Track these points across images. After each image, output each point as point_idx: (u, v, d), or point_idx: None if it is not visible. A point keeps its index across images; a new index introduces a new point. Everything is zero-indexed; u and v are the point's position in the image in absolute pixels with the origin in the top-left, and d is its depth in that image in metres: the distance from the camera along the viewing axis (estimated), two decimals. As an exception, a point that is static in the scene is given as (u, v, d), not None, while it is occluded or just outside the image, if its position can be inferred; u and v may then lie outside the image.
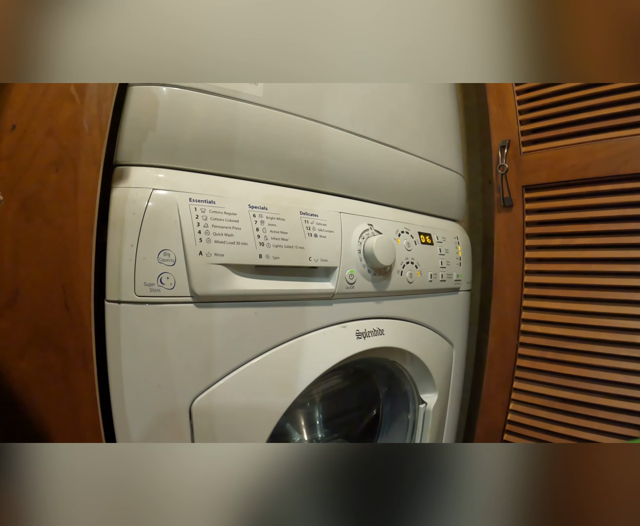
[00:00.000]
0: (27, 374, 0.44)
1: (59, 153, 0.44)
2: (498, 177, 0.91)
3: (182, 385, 0.51)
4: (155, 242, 0.48)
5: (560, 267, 0.86)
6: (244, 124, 0.57)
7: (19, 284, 0.43)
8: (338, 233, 0.63)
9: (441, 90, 0.86)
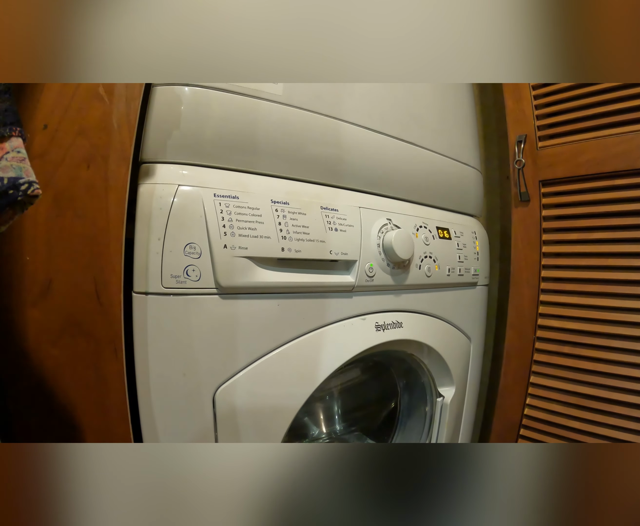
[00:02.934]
0: (59, 361, 0.45)
1: (89, 151, 0.45)
2: (515, 172, 0.90)
3: (206, 374, 0.52)
4: (182, 235, 0.49)
5: (578, 261, 0.85)
6: (265, 122, 0.57)
7: (52, 276, 0.44)
8: (358, 227, 0.63)
9: (458, 86, 0.85)
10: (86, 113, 0.45)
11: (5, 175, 0.29)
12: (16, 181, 0.29)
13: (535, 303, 0.89)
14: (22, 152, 0.31)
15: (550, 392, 0.88)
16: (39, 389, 0.44)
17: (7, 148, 0.30)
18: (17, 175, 0.30)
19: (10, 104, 0.32)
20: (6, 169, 0.30)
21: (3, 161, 0.30)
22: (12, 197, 0.29)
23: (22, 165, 0.30)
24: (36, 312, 0.44)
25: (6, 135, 0.30)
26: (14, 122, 0.31)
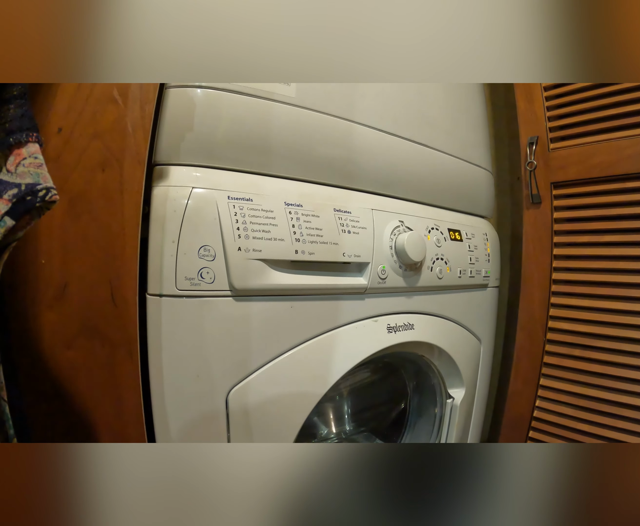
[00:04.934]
0: (74, 364, 0.45)
1: (104, 154, 0.44)
2: (526, 174, 0.88)
3: (220, 375, 0.51)
4: (196, 238, 0.48)
5: (589, 264, 0.83)
6: (278, 124, 0.56)
7: (67, 279, 0.44)
8: (370, 229, 0.61)
9: (469, 86, 0.84)
10: (101, 116, 0.44)
11: (23, 181, 0.29)
12: (34, 187, 0.29)
13: (545, 305, 0.87)
14: (39, 158, 0.30)
15: (560, 394, 0.87)
16: (55, 391, 0.44)
17: (24, 154, 0.30)
18: (35, 182, 0.29)
19: (27, 109, 0.31)
20: (23, 175, 0.29)
21: (20, 167, 0.29)
22: (30, 203, 0.29)
23: (39, 171, 0.30)
24: (52, 314, 0.43)
25: (23, 141, 0.30)
26: (30, 128, 0.31)
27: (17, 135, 0.30)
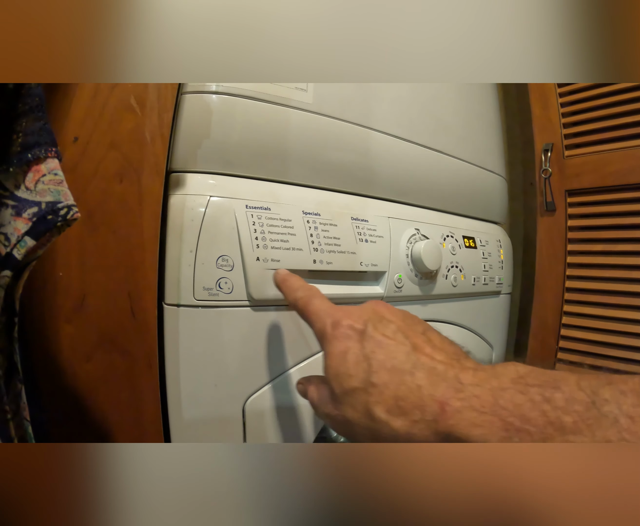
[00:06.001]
0: (93, 376, 0.43)
1: (122, 164, 0.42)
2: (541, 181, 0.86)
3: (237, 384, 0.49)
4: (214, 248, 0.46)
5: (602, 273, 0.81)
6: (294, 131, 0.54)
7: (85, 291, 0.42)
8: (387, 238, 0.59)
9: (483, 91, 0.81)
10: (118, 125, 0.42)
11: (43, 199, 0.27)
12: (54, 206, 0.27)
13: (558, 313, 0.85)
14: (59, 174, 0.28)
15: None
16: (74, 404, 0.42)
17: (44, 170, 0.28)
18: (56, 200, 0.27)
19: (45, 122, 0.29)
20: (44, 193, 0.27)
21: (40, 184, 0.27)
22: (51, 222, 0.27)
23: (59, 189, 0.28)
24: (70, 327, 0.41)
25: (42, 156, 0.28)
26: (49, 142, 0.29)
27: (35, 150, 0.28)
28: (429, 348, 0.31)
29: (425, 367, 0.29)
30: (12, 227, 0.27)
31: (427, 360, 0.30)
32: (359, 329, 0.34)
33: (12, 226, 0.27)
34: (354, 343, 0.33)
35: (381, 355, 0.31)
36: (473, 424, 0.25)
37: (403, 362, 0.30)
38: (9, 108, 0.28)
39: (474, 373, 0.28)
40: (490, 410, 0.25)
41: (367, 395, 0.30)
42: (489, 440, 0.24)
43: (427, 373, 0.29)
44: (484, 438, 0.24)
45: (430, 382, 0.28)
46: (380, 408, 0.29)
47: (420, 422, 0.27)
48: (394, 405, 0.29)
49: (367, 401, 0.30)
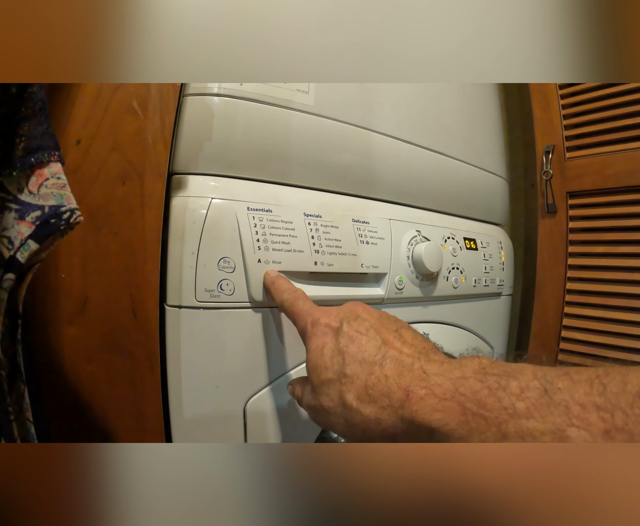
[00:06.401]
0: (95, 378, 0.43)
1: (124, 166, 0.43)
2: (542, 183, 0.86)
3: (238, 385, 0.49)
4: (216, 249, 0.46)
5: (603, 274, 0.80)
6: (296, 132, 0.54)
7: (87, 293, 0.42)
8: (388, 240, 0.59)
9: (484, 93, 0.81)
10: (120, 128, 0.43)
11: (46, 203, 0.27)
12: (58, 210, 0.27)
13: (559, 315, 0.85)
14: (62, 178, 0.28)
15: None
16: (76, 405, 0.42)
17: (47, 174, 0.28)
18: (59, 203, 0.27)
19: (47, 127, 0.29)
20: (47, 197, 0.27)
21: (43, 188, 0.27)
22: (54, 226, 0.27)
23: (62, 192, 0.28)
24: (72, 329, 0.42)
25: (45, 160, 0.28)
26: (52, 146, 0.29)
27: (38, 154, 0.28)
28: (399, 343, 0.34)
29: (394, 359, 0.32)
30: (16, 231, 0.27)
31: (396, 353, 0.32)
32: (334, 327, 0.36)
33: (15, 229, 0.27)
34: (330, 339, 0.36)
35: (353, 348, 0.34)
36: (434, 409, 0.27)
37: (373, 355, 0.33)
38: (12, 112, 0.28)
39: (440, 365, 0.30)
40: (450, 396, 0.27)
41: (341, 384, 0.33)
42: (448, 424, 0.26)
43: (395, 364, 0.31)
44: (444, 422, 0.26)
45: (397, 372, 0.31)
46: (352, 396, 0.32)
47: (387, 408, 0.30)
48: (364, 393, 0.31)
49: (341, 390, 0.33)
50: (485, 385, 0.26)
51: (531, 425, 0.23)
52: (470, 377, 0.27)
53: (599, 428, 0.21)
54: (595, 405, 0.21)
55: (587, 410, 0.21)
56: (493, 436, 0.24)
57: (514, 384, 0.25)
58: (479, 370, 0.27)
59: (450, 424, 0.26)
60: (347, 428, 0.33)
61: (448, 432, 0.26)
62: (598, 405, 0.21)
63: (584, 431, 0.21)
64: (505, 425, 0.24)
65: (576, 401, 0.22)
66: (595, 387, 0.22)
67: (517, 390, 0.24)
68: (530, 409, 0.23)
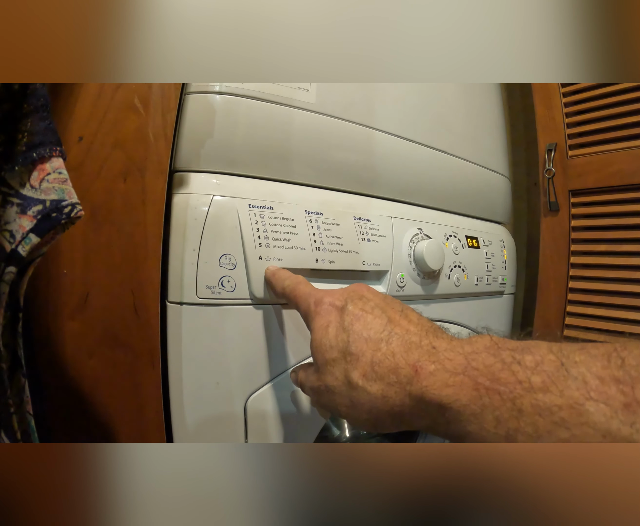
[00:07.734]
0: (96, 372, 0.43)
1: (126, 164, 0.43)
2: (544, 181, 0.85)
3: (239, 382, 0.50)
4: (217, 246, 0.46)
5: (606, 273, 0.80)
6: (297, 130, 0.54)
7: (89, 288, 0.42)
8: (389, 237, 0.59)
9: (487, 91, 0.81)
10: (122, 125, 0.43)
11: (48, 197, 0.27)
12: (59, 204, 0.27)
13: (561, 314, 0.84)
14: (63, 173, 0.29)
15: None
16: (77, 400, 0.43)
17: (48, 169, 0.28)
18: (60, 198, 0.28)
19: (49, 122, 0.29)
20: (48, 191, 0.27)
21: (44, 183, 0.27)
22: (55, 220, 0.27)
23: (64, 187, 0.28)
24: (74, 324, 0.42)
25: (47, 155, 0.28)
26: (53, 142, 0.29)
27: (40, 149, 0.28)
28: (405, 321, 0.33)
29: (400, 336, 0.31)
30: (17, 224, 0.28)
31: (402, 331, 0.31)
32: (339, 306, 0.36)
33: (17, 223, 0.28)
34: (335, 318, 0.35)
35: (359, 326, 0.33)
36: (445, 384, 0.26)
37: (379, 332, 0.32)
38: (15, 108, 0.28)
39: (449, 342, 0.29)
40: (462, 371, 0.26)
41: (346, 363, 0.32)
42: (459, 399, 0.25)
43: (401, 341, 0.30)
44: (455, 398, 0.25)
45: (405, 348, 0.30)
46: (357, 374, 0.31)
47: (395, 385, 0.29)
48: (370, 371, 0.30)
49: (346, 369, 0.32)
50: (498, 358, 0.25)
51: (548, 399, 0.22)
52: (482, 351, 0.26)
53: (619, 402, 0.20)
54: (614, 378, 0.21)
55: (606, 383, 0.21)
56: (507, 412, 0.23)
57: (529, 358, 0.24)
58: (491, 345, 0.26)
59: (462, 400, 0.25)
60: (351, 408, 0.32)
61: (459, 408, 0.25)
62: (617, 378, 0.21)
63: (603, 405, 0.20)
64: (521, 400, 0.23)
65: (594, 374, 0.21)
66: (613, 360, 0.21)
67: (533, 364, 0.23)
68: (547, 383, 0.22)
